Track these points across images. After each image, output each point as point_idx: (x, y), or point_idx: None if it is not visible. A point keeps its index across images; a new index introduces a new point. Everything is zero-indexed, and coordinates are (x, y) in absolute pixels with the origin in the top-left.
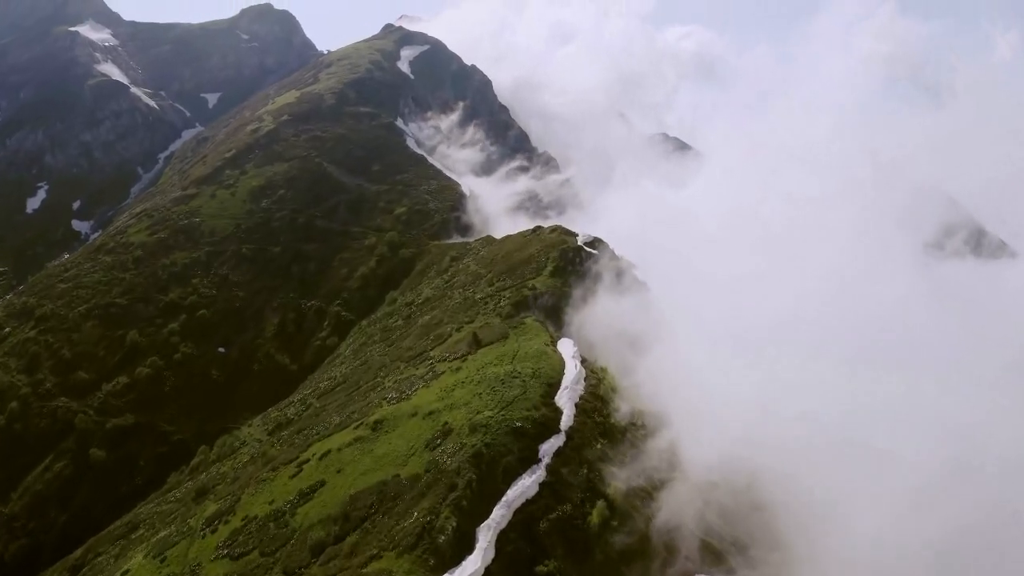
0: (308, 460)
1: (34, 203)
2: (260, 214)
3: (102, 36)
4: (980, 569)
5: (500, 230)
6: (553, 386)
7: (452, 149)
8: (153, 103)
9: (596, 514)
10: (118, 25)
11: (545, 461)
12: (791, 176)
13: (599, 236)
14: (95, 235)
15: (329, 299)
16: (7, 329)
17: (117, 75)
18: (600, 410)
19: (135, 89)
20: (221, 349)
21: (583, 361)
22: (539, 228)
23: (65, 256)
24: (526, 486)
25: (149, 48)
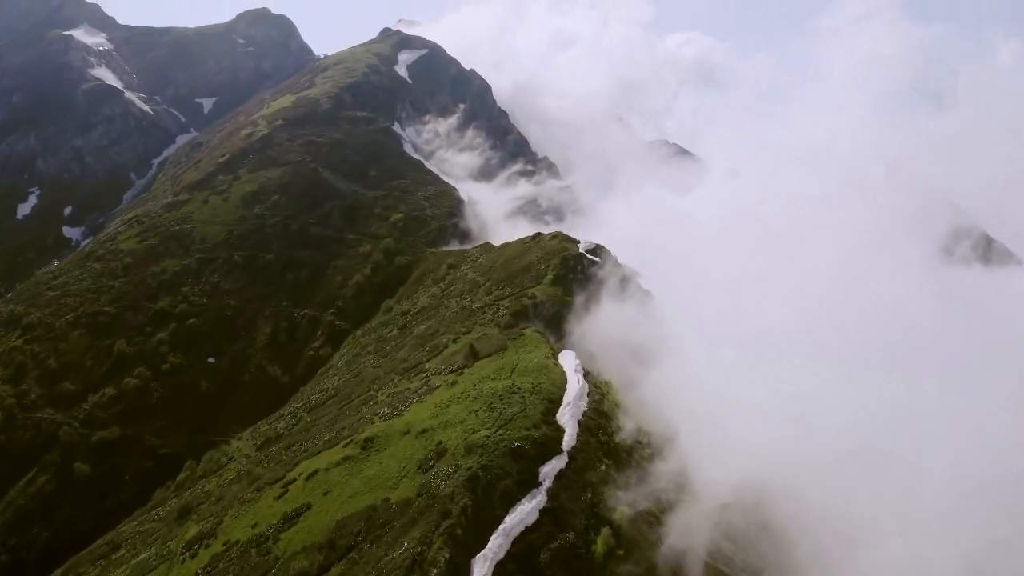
0: (295, 480)
1: (25, 209)
2: (253, 220)
3: (97, 40)
4: None
5: (499, 237)
6: (554, 402)
7: (450, 154)
8: (147, 108)
9: (601, 543)
10: (113, 29)
11: (546, 485)
12: (794, 178)
13: (601, 243)
14: (86, 242)
15: (323, 308)
16: None
17: (111, 79)
18: (604, 428)
19: (129, 94)
20: (211, 359)
21: (586, 375)
22: (539, 235)
23: (55, 263)
24: (526, 512)
25: (144, 53)
